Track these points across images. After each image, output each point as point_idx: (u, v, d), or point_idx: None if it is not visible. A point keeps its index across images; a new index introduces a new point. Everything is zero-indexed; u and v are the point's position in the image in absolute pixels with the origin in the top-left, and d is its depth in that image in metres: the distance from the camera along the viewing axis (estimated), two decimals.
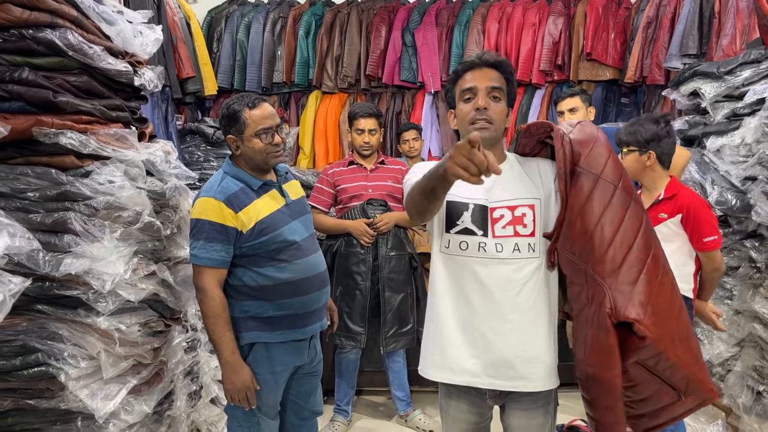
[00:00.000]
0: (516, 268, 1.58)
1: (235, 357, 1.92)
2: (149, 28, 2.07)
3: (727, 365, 2.96)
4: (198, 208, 1.92)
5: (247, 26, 4.64)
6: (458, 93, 1.62)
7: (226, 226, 1.89)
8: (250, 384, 1.93)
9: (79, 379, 1.67)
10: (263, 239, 1.94)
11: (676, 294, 1.48)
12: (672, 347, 1.39)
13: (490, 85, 1.57)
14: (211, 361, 2.68)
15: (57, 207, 1.67)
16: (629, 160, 2.30)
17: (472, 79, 1.58)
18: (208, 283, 1.90)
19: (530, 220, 1.57)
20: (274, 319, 1.98)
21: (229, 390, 1.93)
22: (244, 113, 1.94)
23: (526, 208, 1.58)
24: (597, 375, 1.44)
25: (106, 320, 1.70)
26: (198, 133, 3.88)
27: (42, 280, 1.65)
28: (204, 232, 1.88)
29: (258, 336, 1.98)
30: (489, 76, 1.58)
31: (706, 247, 2.23)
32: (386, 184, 3.00)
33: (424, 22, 4.58)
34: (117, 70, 1.83)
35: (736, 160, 2.78)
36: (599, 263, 1.42)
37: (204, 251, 1.89)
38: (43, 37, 1.64)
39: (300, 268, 1.99)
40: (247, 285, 1.96)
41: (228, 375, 1.91)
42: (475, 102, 1.56)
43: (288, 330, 2.00)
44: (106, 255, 1.66)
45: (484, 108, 1.55)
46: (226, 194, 1.91)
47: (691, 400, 1.49)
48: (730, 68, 2.89)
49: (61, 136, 1.63)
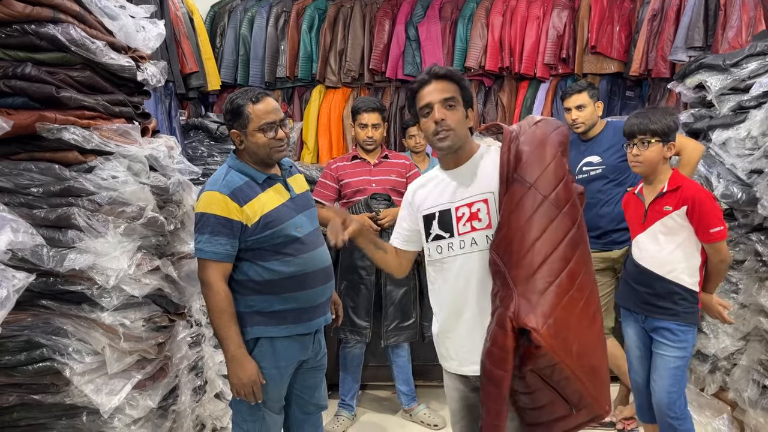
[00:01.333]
0: (479, 259, 1.68)
1: (241, 351, 1.90)
2: (152, 23, 2.06)
3: (732, 359, 2.94)
4: (203, 201, 1.90)
5: (250, 21, 4.60)
6: (418, 110, 1.76)
7: (231, 220, 1.87)
8: (256, 378, 1.91)
9: (84, 374, 1.68)
10: (268, 233, 1.92)
11: (587, 311, 1.53)
12: (568, 360, 1.44)
13: (443, 98, 1.69)
14: (216, 356, 2.68)
15: (61, 202, 1.68)
16: (654, 151, 2.24)
17: (427, 94, 1.71)
18: (213, 277, 1.88)
19: (485, 213, 1.68)
20: (278, 313, 1.97)
21: (235, 384, 1.92)
22: (248, 108, 1.92)
23: (481, 203, 1.69)
24: (490, 371, 1.52)
25: (110, 315, 1.71)
26: (201, 128, 3.87)
27: (46, 276, 1.66)
28: (209, 225, 1.86)
29: (263, 331, 1.97)
30: (440, 89, 1.70)
31: (713, 238, 2.20)
32: (390, 178, 2.99)
33: (427, 15, 4.54)
34: (120, 65, 1.83)
35: (742, 153, 2.75)
36: (515, 268, 1.51)
37: (209, 245, 1.87)
38: (45, 32, 1.65)
39: (305, 262, 1.99)
40: (253, 279, 1.95)
41: (234, 369, 1.90)
42: (432, 116, 1.69)
43: (293, 324, 1.99)
44: (110, 250, 1.67)
45: (442, 119, 1.68)
46: (231, 188, 1.89)
47: (583, 414, 1.56)
48: (736, 60, 2.86)
49: (64, 131, 1.64)
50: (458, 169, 1.76)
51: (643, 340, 2.41)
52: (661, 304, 2.27)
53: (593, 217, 3.03)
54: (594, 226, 3.04)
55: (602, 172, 2.98)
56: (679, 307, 2.25)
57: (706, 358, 3.02)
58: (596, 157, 3.00)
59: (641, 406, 2.50)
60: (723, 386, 2.98)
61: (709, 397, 3.04)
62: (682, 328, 2.25)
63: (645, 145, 2.25)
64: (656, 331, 2.31)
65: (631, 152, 2.29)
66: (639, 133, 2.25)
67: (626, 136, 2.31)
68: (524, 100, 4.57)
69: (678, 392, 2.29)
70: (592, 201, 3.02)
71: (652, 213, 2.29)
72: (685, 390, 2.35)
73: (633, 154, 2.28)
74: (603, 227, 3.01)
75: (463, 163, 1.76)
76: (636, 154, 2.27)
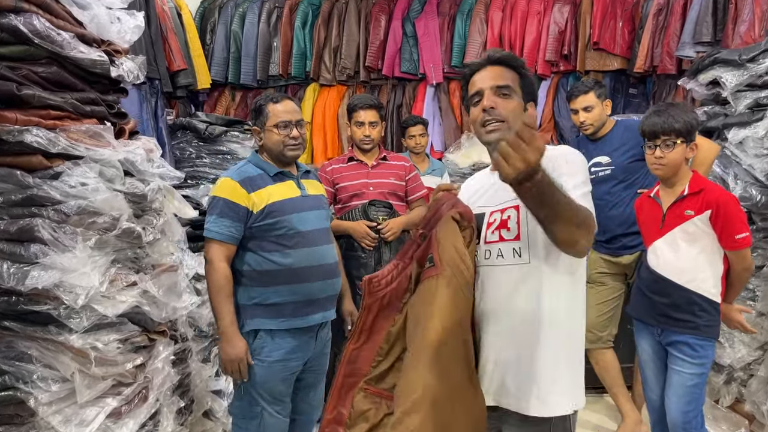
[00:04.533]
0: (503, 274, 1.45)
1: (232, 328, 2.01)
2: (129, 14, 1.91)
3: (749, 369, 2.85)
4: (217, 186, 2.09)
5: (241, 17, 4.52)
6: (469, 98, 1.57)
7: (238, 204, 2.03)
8: (243, 356, 2.00)
9: (51, 404, 1.54)
10: (270, 221, 2.04)
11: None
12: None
13: (495, 84, 1.49)
14: (204, 371, 2.53)
15: (23, 213, 1.54)
16: (679, 152, 2.10)
17: (479, 80, 1.52)
18: (216, 255, 2.02)
19: (514, 223, 1.46)
20: (277, 306, 2.06)
21: (224, 360, 2.01)
22: (268, 107, 2.14)
23: (512, 209, 1.47)
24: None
25: (80, 338, 1.56)
26: (190, 128, 3.70)
27: (7, 295, 1.51)
28: (218, 207, 2.03)
29: (261, 323, 2.06)
30: (493, 75, 1.51)
31: (738, 245, 2.06)
32: (388, 181, 2.84)
33: (425, 11, 4.46)
34: (91, 60, 1.67)
35: (761, 153, 2.65)
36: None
37: (215, 225, 2.02)
38: (6, 23, 1.51)
39: (303, 256, 2.08)
40: (255, 269, 2.06)
41: (224, 345, 2.00)
42: (481, 103, 1.49)
43: (291, 317, 2.07)
44: (78, 266, 1.50)
45: (491, 107, 1.47)
46: (243, 176, 2.07)
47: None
48: (752, 55, 2.74)
49: (26, 133, 1.49)
50: None
51: (658, 353, 2.27)
52: (679, 316, 2.12)
53: (602, 221, 2.88)
54: (603, 230, 2.92)
55: (612, 173, 2.86)
56: (699, 319, 2.10)
57: (721, 369, 2.91)
58: (605, 157, 2.88)
59: (656, 423, 2.35)
60: (739, 398, 2.90)
61: (724, 409, 2.94)
62: (702, 342, 2.11)
63: (670, 146, 2.10)
64: (673, 346, 2.16)
65: (653, 154, 2.14)
66: (663, 134, 2.10)
67: (647, 137, 2.16)
68: None
69: (695, 411, 2.16)
70: (600, 203, 2.85)
71: (671, 218, 2.15)
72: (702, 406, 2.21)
73: (656, 156, 2.13)
74: (612, 231, 2.88)
75: None
76: (659, 156, 2.12)
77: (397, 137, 4.35)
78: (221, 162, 3.56)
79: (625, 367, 2.99)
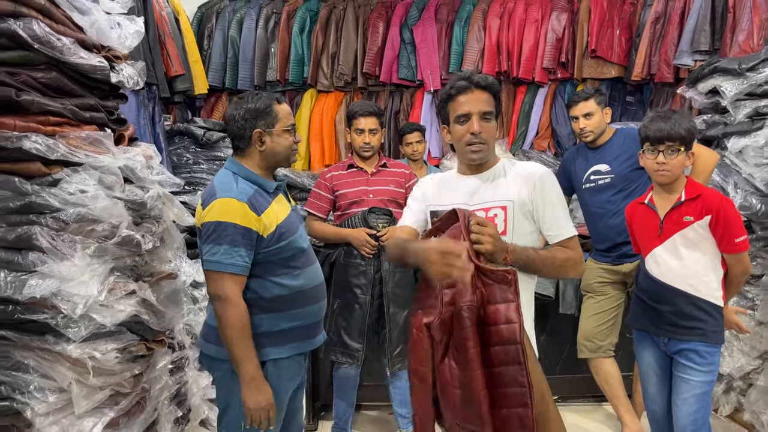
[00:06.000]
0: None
1: (260, 373, 1.78)
2: (129, 20, 1.90)
3: (748, 379, 2.85)
4: (218, 209, 1.75)
5: (239, 22, 4.51)
6: (452, 115, 1.75)
7: (251, 230, 1.77)
8: (273, 402, 1.80)
9: (48, 415, 1.52)
10: (282, 244, 1.84)
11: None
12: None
13: (483, 111, 1.71)
14: (200, 380, 2.51)
15: (21, 220, 1.52)
16: (681, 159, 2.09)
17: (466, 102, 1.71)
18: (233, 291, 1.74)
19: (501, 220, 1.70)
20: (285, 332, 1.89)
21: (253, 409, 1.77)
22: (275, 107, 1.88)
23: (498, 209, 1.71)
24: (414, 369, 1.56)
25: (77, 347, 1.54)
26: (187, 134, 3.69)
27: (4, 303, 1.49)
28: (228, 235, 1.73)
29: (269, 353, 1.85)
30: (481, 100, 1.71)
31: (738, 249, 2.05)
32: (388, 189, 2.82)
33: (423, 17, 4.46)
34: (90, 65, 1.66)
35: (760, 162, 2.66)
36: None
37: (228, 257, 1.73)
38: (5, 27, 1.50)
39: (310, 275, 1.94)
40: (263, 297, 1.84)
41: (252, 393, 1.76)
42: (470, 126, 1.70)
43: (297, 342, 1.92)
44: (76, 275, 1.49)
45: (479, 132, 1.70)
46: (246, 196, 1.79)
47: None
48: (752, 64, 2.75)
49: (24, 139, 1.48)
50: (478, 176, 1.78)
51: (661, 364, 2.24)
52: (686, 324, 2.10)
53: (602, 229, 2.91)
54: (602, 239, 2.91)
55: (611, 181, 2.85)
56: (706, 325, 2.09)
57: (720, 378, 2.92)
58: (605, 165, 2.87)
59: None
60: (738, 407, 2.89)
61: (723, 419, 2.95)
62: (709, 349, 2.10)
63: (673, 153, 2.08)
64: (681, 354, 2.14)
65: (654, 160, 2.12)
66: (668, 140, 2.08)
67: (650, 141, 2.13)
68: (522, 105, 4.50)
69: (704, 418, 2.14)
70: (599, 212, 2.89)
71: (669, 224, 2.13)
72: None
73: (658, 162, 2.11)
74: (612, 239, 2.87)
75: (483, 171, 1.78)
76: (662, 162, 2.10)
77: (395, 144, 4.34)
78: (219, 168, 3.53)
79: (623, 376, 2.98)
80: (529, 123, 4.48)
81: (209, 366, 1.90)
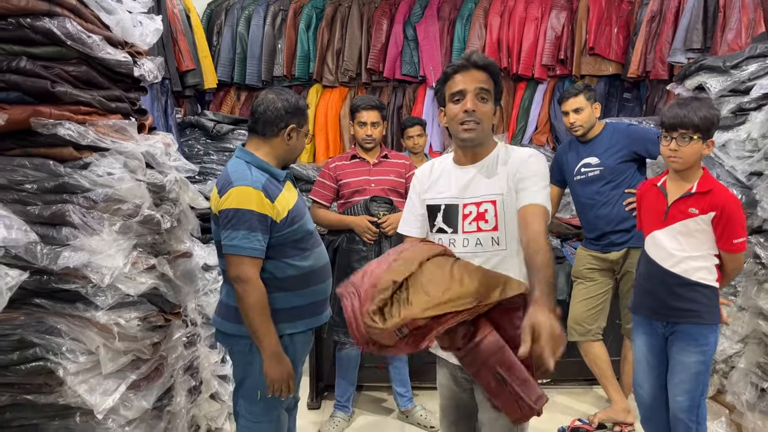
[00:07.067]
0: (482, 261, 1.64)
1: (279, 347, 1.92)
2: (149, 18, 2.04)
3: (730, 362, 2.93)
4: (237, 197, 1.86)
5: (247, 19, 4.61)
6: (448, 94, 1.70)
7: (266, 216, 1.88)
8: (292, 372, 1.95)
9: (78, 374, 1.65)
10: (293, 228, 1.96)
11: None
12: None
13: (478, 87, 1.65)
14: (211, 356, 2.66)
15: (55, 199, 1.65)
16: (694, 147, 2.06)
17: (461, 81, 1.66)
18: (253, 273, 1.87)
19: (492, 215, 1.67)
20: (297, 309, 2.01)
21: (275, 380, 1.92)
22: (307, 111, 2.05)
23: (489, 203, 1.67)
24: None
25: (105, 314, 1.68)
26: (198, 126, 3.84)
27: (40, 274, 1.63)
28: (246, 221, 1.85)
29: (284, 328, 1.97)
30: (477, 78, 1.65)
31: (735, 249, 2.09)
32: (389, 178, 2.96)
33: (425, 15, 4.55)
34: (116, 60, 1.80)
35: (742, 155, 2.75)
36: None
37: (247, 241, 1.85)
38: (41, 25, 1.62)
39: (318, 256, 2.06)
40: (277, 277, 1.96)
41: (272, 365, 1.91)
42: (464, 104, 1.65)
43: (309, 318, 2.05)
44: (105, 248, 1.64)
45: (473, 110, 1.64)
46: (261, 184, 1.90)
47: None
48: (736, 62, 2.86)
49: (59, 126, 1.60)
50: (473, 166, 1.72)
51: (652, 350, 2.27)
52: (681, 306, 2.14)
53: (591, 219, 3.02)
54: (592, 228, 3.04)
55: (600, 173, 2.97)
56: (700, 306, 2.13)
57: None
58: (595, 158, 2.98)
59: (646, 420, 2.39)
60: (721, 389, 2.97)
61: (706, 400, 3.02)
62: (704, 330, 2.13)
63: (686, 140, 2.06)
64: (675, 335, 2.18)
65: (668, 146, 2.10)
66: (681, 127, 2.05)
67: (665, 128, 2.12)
68: (522, 101, 4.58)
69: (700, 397, 2.18)
70: (590, 202, 3.01)
71: (675, 212, 2.14)
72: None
73: (671, 149, 2.09)
74: (601, 229, 2.99)
75: (479, 160, 1.72)
76: (674, 149, 2.08)
77: (398, 137, 4.44)
78: (228, 159, 3.68)
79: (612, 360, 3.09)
80: (528, 118, 4.57)
81: (226, 342, 2.05)
